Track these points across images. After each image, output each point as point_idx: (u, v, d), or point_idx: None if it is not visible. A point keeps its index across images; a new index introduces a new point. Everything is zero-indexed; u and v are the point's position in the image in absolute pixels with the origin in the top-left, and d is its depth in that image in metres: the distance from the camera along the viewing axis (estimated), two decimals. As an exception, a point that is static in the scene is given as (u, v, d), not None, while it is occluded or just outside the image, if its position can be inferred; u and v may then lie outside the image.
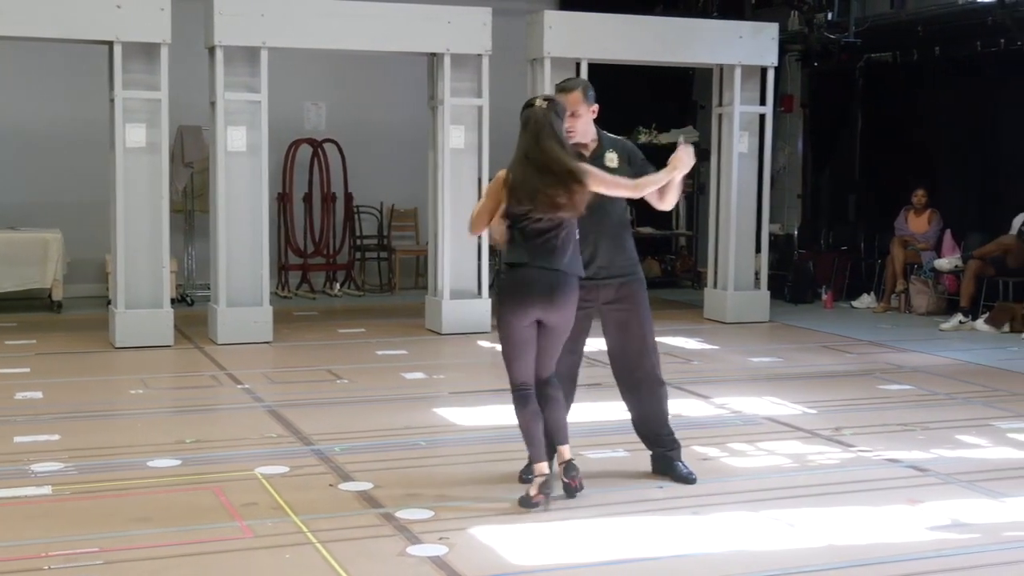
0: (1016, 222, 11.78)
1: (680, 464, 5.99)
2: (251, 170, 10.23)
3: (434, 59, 10.89)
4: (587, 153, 5.71)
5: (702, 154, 13.16)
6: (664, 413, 6.02)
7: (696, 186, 15.05)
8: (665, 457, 6.01)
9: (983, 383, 8.79)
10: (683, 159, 5.52)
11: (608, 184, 5.45)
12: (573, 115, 5.63)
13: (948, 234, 12.59)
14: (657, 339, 6.05)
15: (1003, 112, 12.26)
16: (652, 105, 15.00)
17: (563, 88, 5.76)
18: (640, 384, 5.93)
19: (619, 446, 6.60)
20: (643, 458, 6.20)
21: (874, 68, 13.67)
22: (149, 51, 9.86)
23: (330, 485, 5.86)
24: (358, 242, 14.30)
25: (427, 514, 5.37)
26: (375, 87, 14.28)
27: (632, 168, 5.74)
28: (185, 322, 10.87)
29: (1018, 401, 8.12)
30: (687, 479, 5.90)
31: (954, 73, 12.74)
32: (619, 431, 6.90)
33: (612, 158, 5.75)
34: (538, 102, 5.50)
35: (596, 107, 5.77)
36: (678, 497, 5.69)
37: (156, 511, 5.41)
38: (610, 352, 5.96)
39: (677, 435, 6.11)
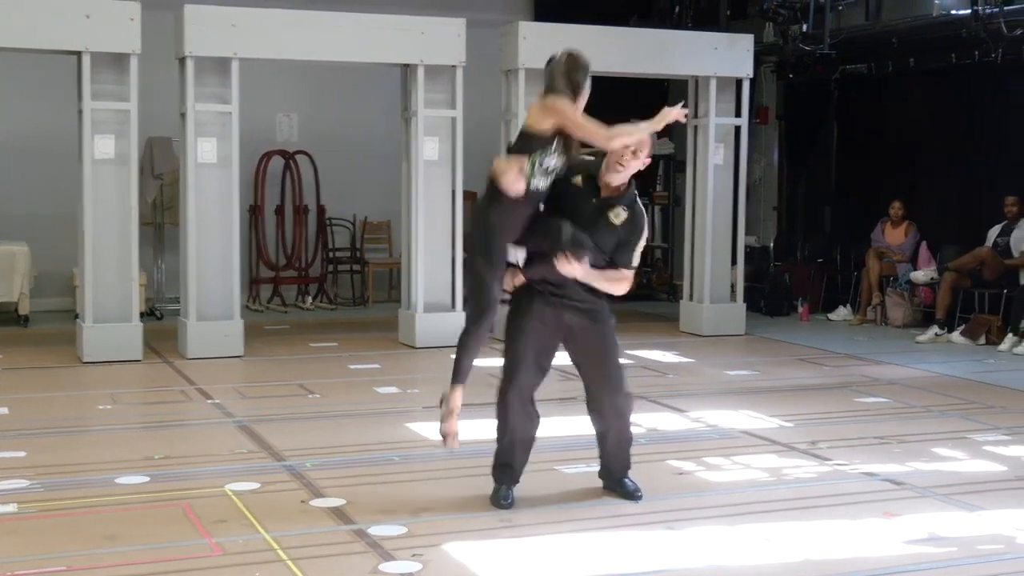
0: (991, 234, 11.86)
1: (628, 480, 5.96)
2: (222, 182, 10.20)
3: (407, 70, 10.89)
4: (602, 193, 5.65)
5: (677, 166, 13.23)
6: (629, 428, 5.99)
7: (672, 198, 15.09)
8: (616, 472, 5.97)
9: (959, 396, 8.83)
10: (672, 113, 5.48)
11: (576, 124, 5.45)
12: (636, 155, 5.58)
13: (924, 246, 12.66)
14: (634, 352, 6.06)
15: (978, 124, 12.35)
16: (627, 117, 14.98)
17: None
18: (606, 402, 5.89)
19: (594, 460, 6.57)
20: (618, 473, 6.22)
21: (849, 80, 13.75)
22: (118, 61, 9.83)
23: (302, 501, 5.83)
24: (331, 255, 14.27)
25: (400, 530, 5.35)
26: (348, 98, 14.27)
27: (628, 235, 5.67)
28: (154, 336, 10.82)
29: (994, 414, 8.16)
30: (633, 496, 5.86)
31: (929, 85, 12.83)
32: (593, 445, 6.90)
33: (619, 214, 5.63)
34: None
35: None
36: (653, 512, 5.69)
37: (124, 529, 5.37)
38: (579, 370, 5.94)
39: (652, 449, 6.10)
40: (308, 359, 10.35)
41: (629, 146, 5.52)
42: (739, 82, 11.93)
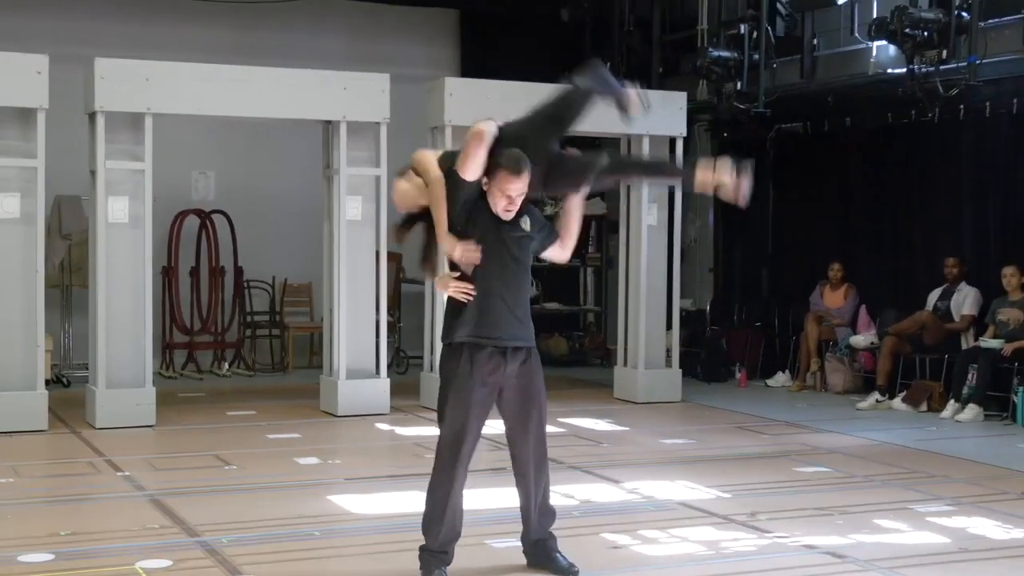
0: (931, 297, 12.06)
1: (560, 555, 5.92)
2: (134, 242, 10.13)
3: (330, 127, 10.92)
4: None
5: (610, 226, 13.33)
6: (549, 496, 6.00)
7: (604, 260, 15.21)
8: (546, 547, 5.94)
9: (901, 464, 8.94)
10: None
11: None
12: (520, 196, 5.65)
13: (863, 310, 12.84)
14: (566, 420, 6.07)
15: (916, 184, 12.58)
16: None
17: (522, 168, 5.65)
18: (537, 465, 5.88)
19: (526, 534, 6.58)
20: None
21: (785, 139, 13.98)
22: (25, 116, 9.76)
23: (217, 580, 5.76)
24: (248, 318, 14.19)
25: (321, 610, 5.30)
26: (267, 155, 14.27)
27: (540, 235, 5.82)
28: (61, 405, 10.66)
29: (937, 483, 8.27)
30: (569, 571, 5.82)
31: (866, 144, 13.07)
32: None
33: (525, 221, 5.75)
34: None
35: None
36: (588, 588, 5.68)
37: (26, 611, 5.27)
38: (508, 432, 5.89)
39: (586, 522, 6.09)
40: (224, 428, 10.25)
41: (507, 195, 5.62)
42: (673, 141, 12.09)
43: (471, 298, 5.57)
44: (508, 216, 5.63)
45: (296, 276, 14.38)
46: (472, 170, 5.52)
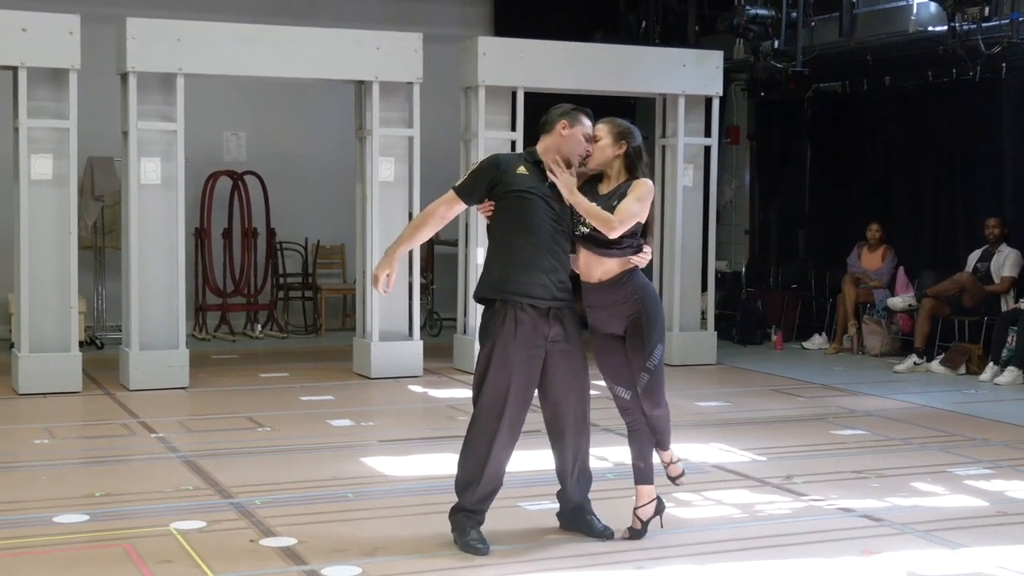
0: (971, 259, 11.98)
1: (595, 519, 5.94)
2: (166, 204, 10.17)
3: (362, 87, 10.91)
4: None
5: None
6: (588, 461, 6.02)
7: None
8: (582, 510, 5.97)
9: (939, 428, 8.91)
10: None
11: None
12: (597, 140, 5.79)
13: (901, 271, 12.77)
14: (600, 383, 6.08)
15: (956, 144, 12.48)
16: (592, 136, 15.06)
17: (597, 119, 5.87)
18: (577, 429, 5.90)
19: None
20: (584, 509, 6.24)
21: (823, 98, 13.89)
22: (57, 77, 9.79)
23: (251, 541, 5.81)
24: (281, 280, 14.24)
25: (355, 571, 5.34)
26: (299, 116, 14.27)
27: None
28: (94, 366, 10.75)
29: (975, 447, 8.24)
30: (604, 534, 5.87)
31: (905, 104, 12.96)
32: (558, 481, 6.91)
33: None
34: None
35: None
36: (621, 551, 5.70)
37: (63, 571, 5.33)
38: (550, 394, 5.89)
39: (620, 484, 6.11)
40: (257, 390, 10.31)
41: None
42: (709, 101, 12.02)
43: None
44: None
45: (329, 238, 14.41)
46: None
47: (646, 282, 5.80)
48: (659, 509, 5.89)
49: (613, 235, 5.60)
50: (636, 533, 5.85)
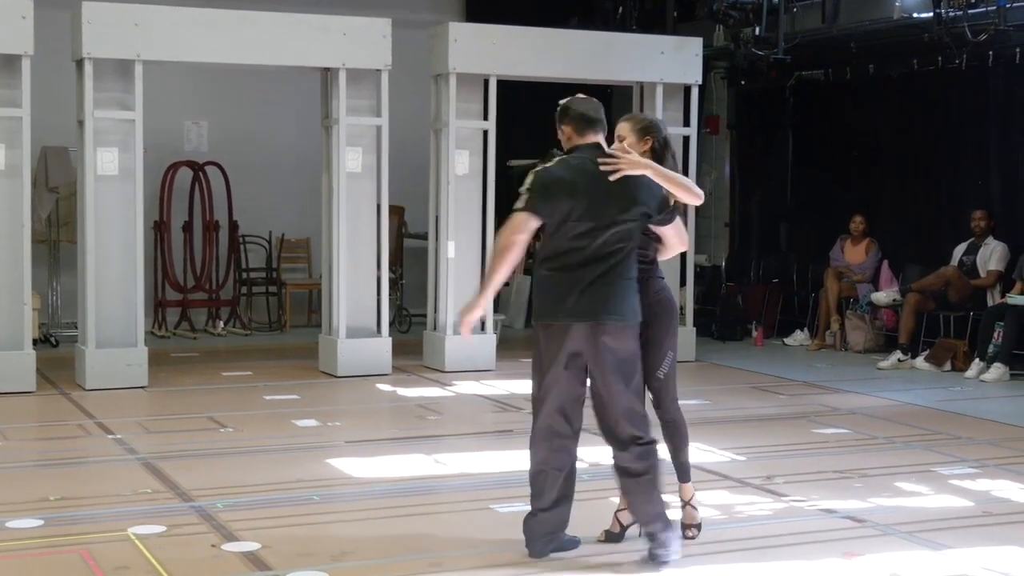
0: (957, 252, 12.06)
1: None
2: (124, 196, 10.13)
3: (328, 74, 10.89)
4: None
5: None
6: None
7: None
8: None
9: (924, 426, 8.97)
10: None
11: None
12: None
13: (885, 265, 12.84)
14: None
15: (942, 134, 12.55)
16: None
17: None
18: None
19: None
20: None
21: (805, 87, 13.94)
22: (9, 64, 9.74)
23: (212, 546, 5.79)
24: (244, 275, 14.20)
25: (321, 576, 5.35)
26: (263, 105, 14.24)
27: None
28: (49, 365, 10.71)
29: (960, 445, 8.29)
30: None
31: (890, 92, 13.03)
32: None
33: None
34: None
35: (567, 128, 5.83)
36: (597, 554, 5.72)
37: (15, 577, 5.32)
38: None
39: (595, 486, 6.12)
40: (219, 389, 10.29)
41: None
42: (687, 89, 12.05)
43: None
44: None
45: (293, 231, 14.38)
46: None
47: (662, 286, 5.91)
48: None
49: (699, 202, 5.72)
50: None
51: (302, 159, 13.51)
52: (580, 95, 5.91)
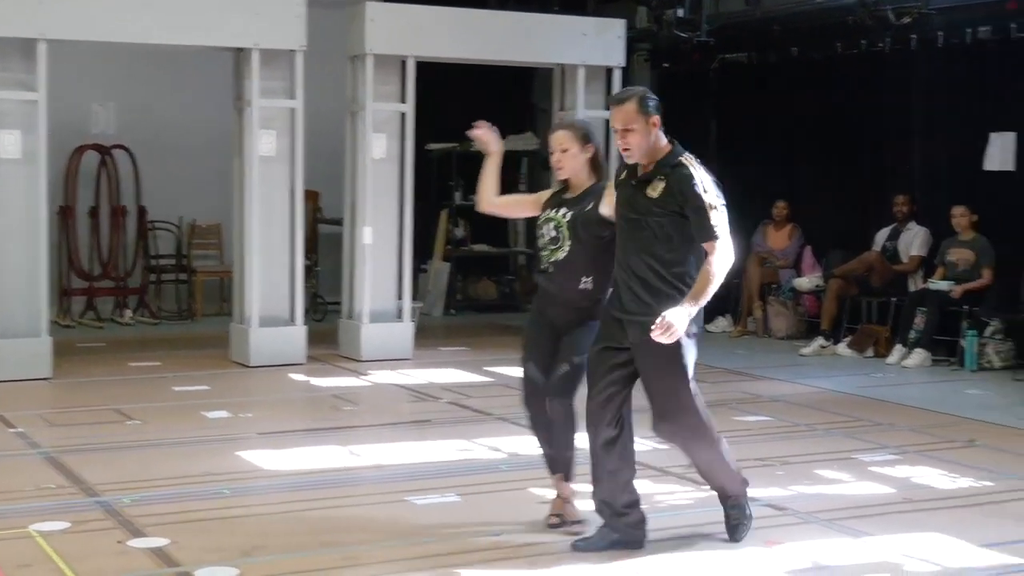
0: (879, 237, 12.21)
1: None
2: (27, 180, 9.98)
3: (240, 55, 10.79)
4: (638, 175, 5.70)
5: (543, 162, 13.31)
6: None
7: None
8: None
9: (845, 412, 9.08)
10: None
11: None
12: (627, 130, 5.65)
13: (808, 250, 12.98)
14: (494, 369, 6.10)
15: (865, 118, 12.68)
16: (487, 108, 15.01)
17: (616, 100, 5.76)
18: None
19: (449, 490, 6.62)
20: (477, 502, 6.27)
21: (729, 70, 14.03)
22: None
23: (118, 542, 5.74)
24: (152, 262, 14.06)
25: (231, 572, 5.31)
26: (173, 86, 14.08)
27: (682, 210, 5.64)
28: (-52, 356, 10.53)
29: (881, 431, 8.41)
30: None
31: (813, 76, 13.14)
32: (448, 473, 6.95)
33: (656, 187, 5.66)
34: None
35: (657, 118, 5.75)
36: (514, 546, 5.73)
37: (-90, 577, 5.23)
38: None
39: (513, 476, 6.12)
40: (126, 381, 10.18)
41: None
42: (610, 71, 12.10)
43: None
44: (627, 157, 5.68)
45: (204, 216, 14.25)
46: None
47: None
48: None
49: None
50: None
51: (213, 142, 13.37)
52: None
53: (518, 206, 6.57)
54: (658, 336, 5.33)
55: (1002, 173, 11.27)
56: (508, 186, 15.13)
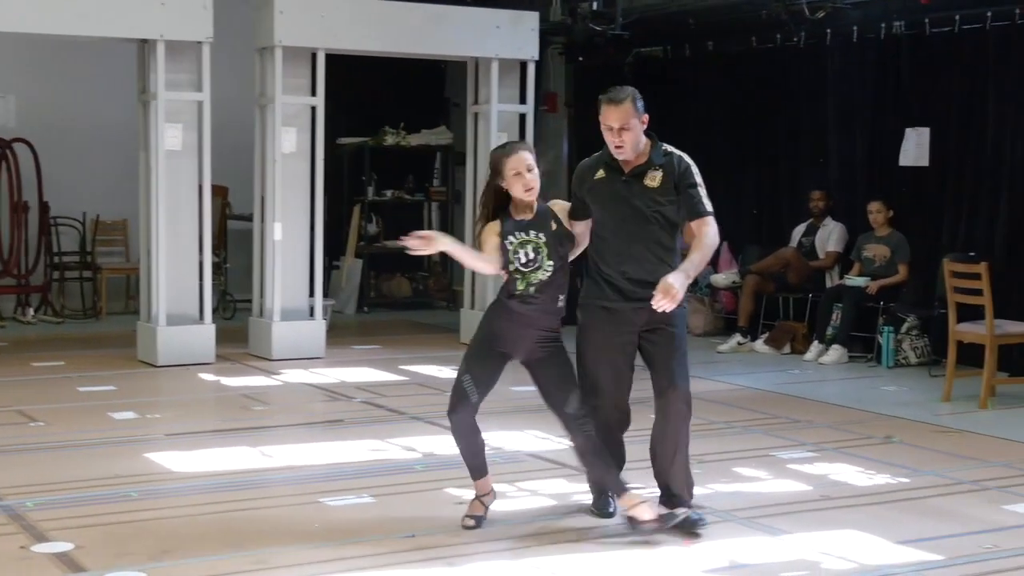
0: (796, 233, 12.35)
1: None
2: (-77, 175, 9.81)
3: (145, 46, 10.68)
4: (626, 170, 6.16)
5: (457, 158, 13.31)
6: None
7: (451, 194, 15.21)
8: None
9: (763, 410, 9.18)
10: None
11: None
12: (624, 129, 6.11)
13: (725, 247, 13.07)
14: (409, 368, 6.10)
15: (781, 113, 12.81)
16: (400, 103, 15.08)
17: (612, 100, 6.19)
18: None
19: (363, 491, 6.61)
20: (391, 503, 6.26)
21: (644, 64, 14.10)
22: None
23: (21, 547, 5.66)
24: (56, 260, 13.89)
25: (139, 577, 5.27)
26: (76, 78, 13.92)
27: (677, 193, 6.14)
28: None
29: (799, 428, 8.51)
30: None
31: (728, 70, 13.25)
32: (362, 474, 6.94)
33: (655, 176, 6.15)
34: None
35: (646, 117, 6.23)
36: (431, 547, 5.73)
37: None
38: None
39: (429, 476, 6.14)
40: (29, 381, 10.05)
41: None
42: (524, 65, 12.12)
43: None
44: (619, 153, 6.11)
45: (109, 212, 14.10)
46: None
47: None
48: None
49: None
50: None
51: (118, 136, 13.23)
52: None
53: (495, 251, 6.47)
54: (660, 301, 5.74)
55: (917, 168, 11.43)
56: (422, 179, 15.20)
